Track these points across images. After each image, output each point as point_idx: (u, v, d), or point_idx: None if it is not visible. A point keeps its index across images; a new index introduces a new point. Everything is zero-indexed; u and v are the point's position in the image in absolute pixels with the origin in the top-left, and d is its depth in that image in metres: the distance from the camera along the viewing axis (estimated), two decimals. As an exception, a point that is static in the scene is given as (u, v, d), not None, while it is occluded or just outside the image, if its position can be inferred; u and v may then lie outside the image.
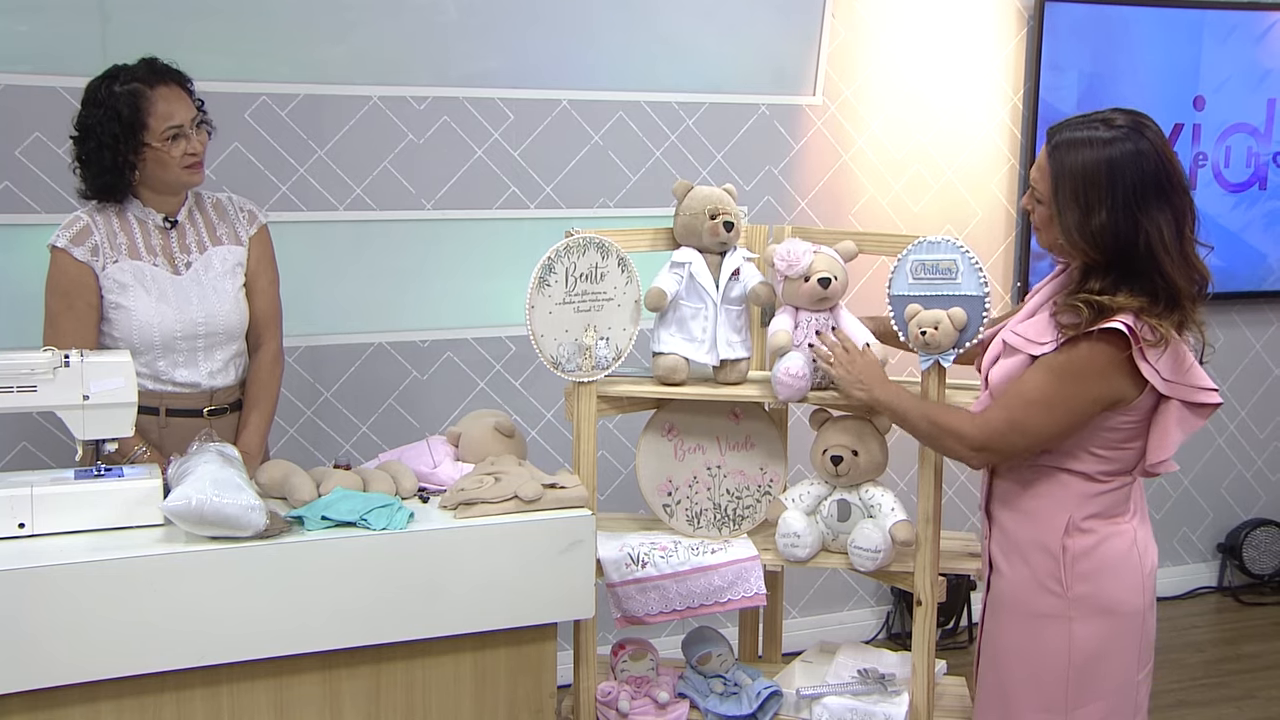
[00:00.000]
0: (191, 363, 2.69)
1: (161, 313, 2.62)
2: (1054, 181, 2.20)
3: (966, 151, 4.26)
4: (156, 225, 2.68)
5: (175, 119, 2.60)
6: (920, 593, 2.59)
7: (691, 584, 2.64)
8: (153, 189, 2.65)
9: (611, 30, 3.73)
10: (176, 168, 2.61)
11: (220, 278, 2.72)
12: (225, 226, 2.77)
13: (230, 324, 2.72)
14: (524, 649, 2.39)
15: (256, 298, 2.81)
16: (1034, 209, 2.28)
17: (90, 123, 2.57)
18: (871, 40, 4.06)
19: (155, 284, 2.64)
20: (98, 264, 2.60)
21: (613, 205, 3.79)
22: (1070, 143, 2.20)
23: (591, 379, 2.61)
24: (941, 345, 2.46)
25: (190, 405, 2.69)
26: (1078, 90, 4.30)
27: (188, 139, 2.61)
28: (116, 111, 2.55)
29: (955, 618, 4.34)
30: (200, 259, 2.71)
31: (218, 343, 2.72)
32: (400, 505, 2.30)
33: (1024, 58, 4.25)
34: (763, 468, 2.77)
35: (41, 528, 2.13)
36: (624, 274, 2.61)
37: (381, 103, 3.50)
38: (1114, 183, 2.14)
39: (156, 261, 2.65)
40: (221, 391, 2.75)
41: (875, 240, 2.79)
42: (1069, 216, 2.19)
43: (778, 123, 3.99)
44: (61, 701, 2.05)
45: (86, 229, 2.60)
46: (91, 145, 2.58)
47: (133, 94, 2.57)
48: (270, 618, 2.15)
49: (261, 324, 2.83)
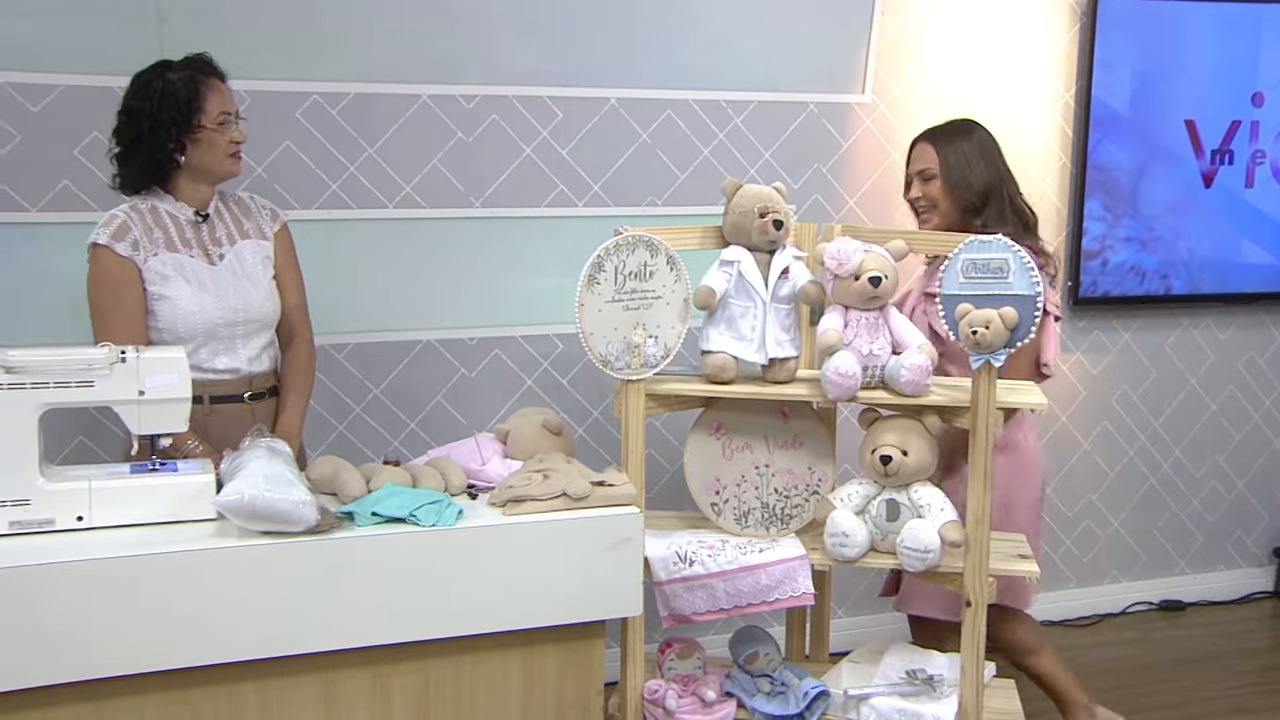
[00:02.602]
0: (231, 349, 2.74)
1: (202, 301, 2.68)
2: (941, 156, 3.06)
3: (1016, 149, 4.16)
4: (188, 219, 2.73)
5: (226, 106, 2.70)
6: (970, 594, 2.56)
7: (739, 583, 2.63)
8: (193, 176, 2.71)
9: (660, 29, 3.72)
10: (223, 153, 2.69)
11: (253, 267, 2.79)
12: (250, 222, 2.84)
13: (265, 312, 2.79)
14: (572, 646, 2.38)
15: (286, 292, 2.88)
16: (923, 191, 3.07)
17: (144, 106, 2.64)
18: (921, 37, 4.02)
19: (194, 274, 2.69)
20: (139, 258, 2.65)
21: (660, 204, 3.78)
22: (945, 133, 3.10)
23: (640, 377, 2.60)
24: (992, 345, 2.43)
25: (232, 391, 2.74)
26: (1130, 88, 4.24)
27: (235, 128, 2.71)
28: (174, 94, 2.63)
29: (1003, 619, 4.29)
30: (232, 250, 2.77)
31: (254, 330, 2.78)
32: (449, 502, 2.30)
33: (1076, 55, 4.20)
34: (811, 467, 2.74)
35: (99, 521, 2.15)
36: (673, 272, 2.60)
37: (431, 101, 3.51)
38: (982, 150, 3.09)
39: (192, 254, 2.71)
40: (259, 377, 2.81)
41: (925, 239, 2.77)
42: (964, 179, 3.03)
43: (826, 121, 3.96)
44: (112, 692, 2.07)
45: (125, 225, 2.65)
46: (145, 126, 2.64)
47: (190, 79, 2.66)
48: (320, 613, 2.16)
49: (293, 318, 2.91)
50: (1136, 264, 4.37)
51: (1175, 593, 4.71)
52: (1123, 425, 4.54)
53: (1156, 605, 4.67)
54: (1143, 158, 4.31)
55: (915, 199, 3.13)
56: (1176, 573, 4.73)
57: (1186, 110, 4.32)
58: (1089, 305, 4.38)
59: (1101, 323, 4.46)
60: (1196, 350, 4.59)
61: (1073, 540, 4.55)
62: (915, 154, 3.14)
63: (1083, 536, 4.57)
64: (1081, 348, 4.44)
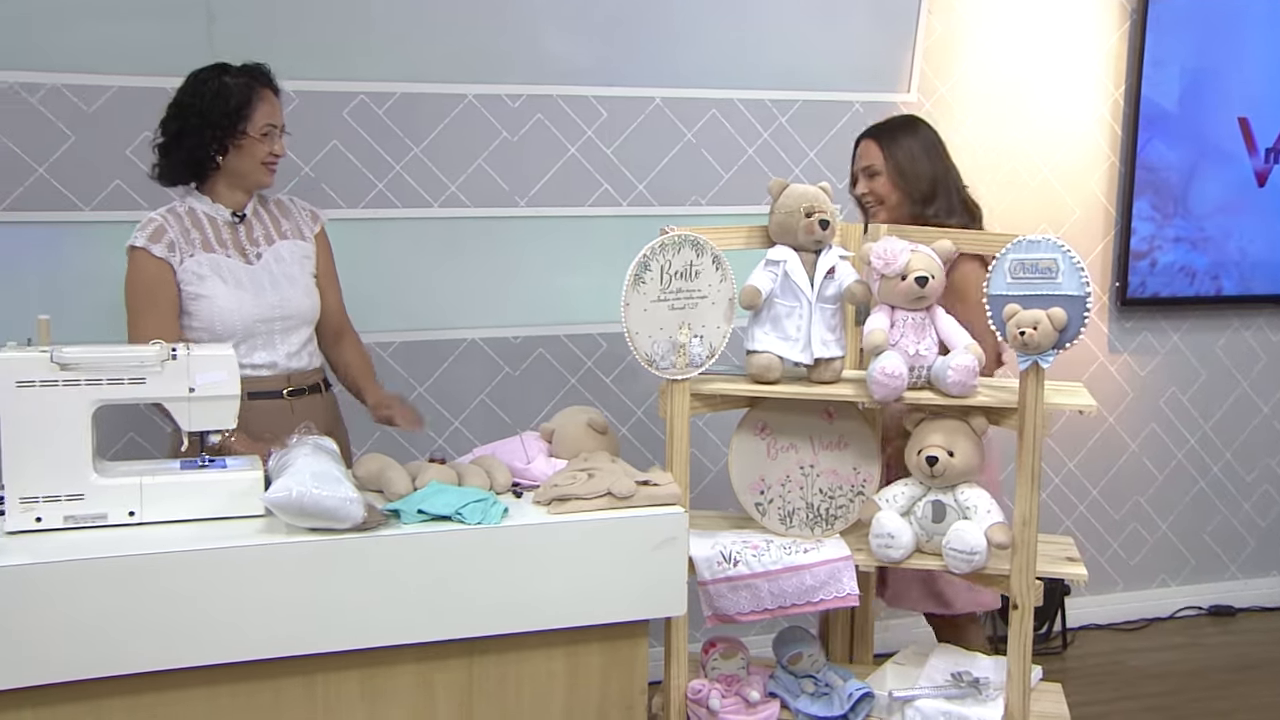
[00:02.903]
0: (270, 345, 2.78)
1: (239, 299, 2.71)
2: (886, 153, 3.06)
3: (1064, 149, 4.17)
4: (225, 221, 2.77)
5: (274, 119, 2.74)
6: (1017, 596, 2.54)
7: (783, 583, 2.62)
8: (228, 181, 2.75)
9: (704, 28, 3.72)
10: (259, 163, 2.73)
11: (290, 266, 2.82)
12: (290, 223, 2.87)
13: (303, 308, 2.82)
14: (616, 645, 2.38)
15: (328, 293, 2.91)
16: (869, 188, 3.07)
17: (194, 104, 2.69)
18: (968, 36, 4.00)
19: (231, 273, 2.73)
20: (175, 259, 2.69)
21: (705, 203, 3.78)
22: (888, 130, 3.12)
23: (685, 377, 2.60)
24: (1041, 345, 2.41)
25: (270, 388, 2.76)
26: (1180, 85, 4.19)
27: (277, 141, 2.75)
28: (225, 97, 2.68)
29: (1049, 622, 4.26)
30: (269, 250, 2.80)
31: (292, 326, 2.81)
32: (495, 500, 2.31)
33: (1126, 52, 4.15)
34: (856, 468, 2.73)
35: (150, 516, 2.18)
36: (718, 272, 2.59)
37: (477, 100, 3.53)
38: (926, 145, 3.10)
39: (229, 254, 2.75)
40: (299, 374, 2.83)
41: (972, 239, 2.75)
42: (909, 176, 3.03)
43: (872, 120, 3.93)
44: (161, 686, 2.09)
45: (161, 228, 2.70)
46: (191, 123, 2.69)
47: (246, 86, 2.71)
48: (366, 609, 2.17)
49: (338, 318, 2.96)
50: (1186, 264, 4.32)
51: (1226, 598, 4.65)
52: (1171, 428, 4.49)
53: (1206, 610, 4.62)
54: (1193, 156, 4.26)
55: (861, 195, 3.12)
56: (1227, 578, 4.67)
57: (1240, 108, 4.26)
58: (1137, 306, 4.33)
59: (1150, 324, 4.41)
60: (1248, 352, 4.53)
61: (1120, 543, 4.51)
62: (860, 151, 3.14)
63: (1130, 539, 4.52)
64: (1129, 349, 4.40)
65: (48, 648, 1.99)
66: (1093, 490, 4.42)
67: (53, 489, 2.13)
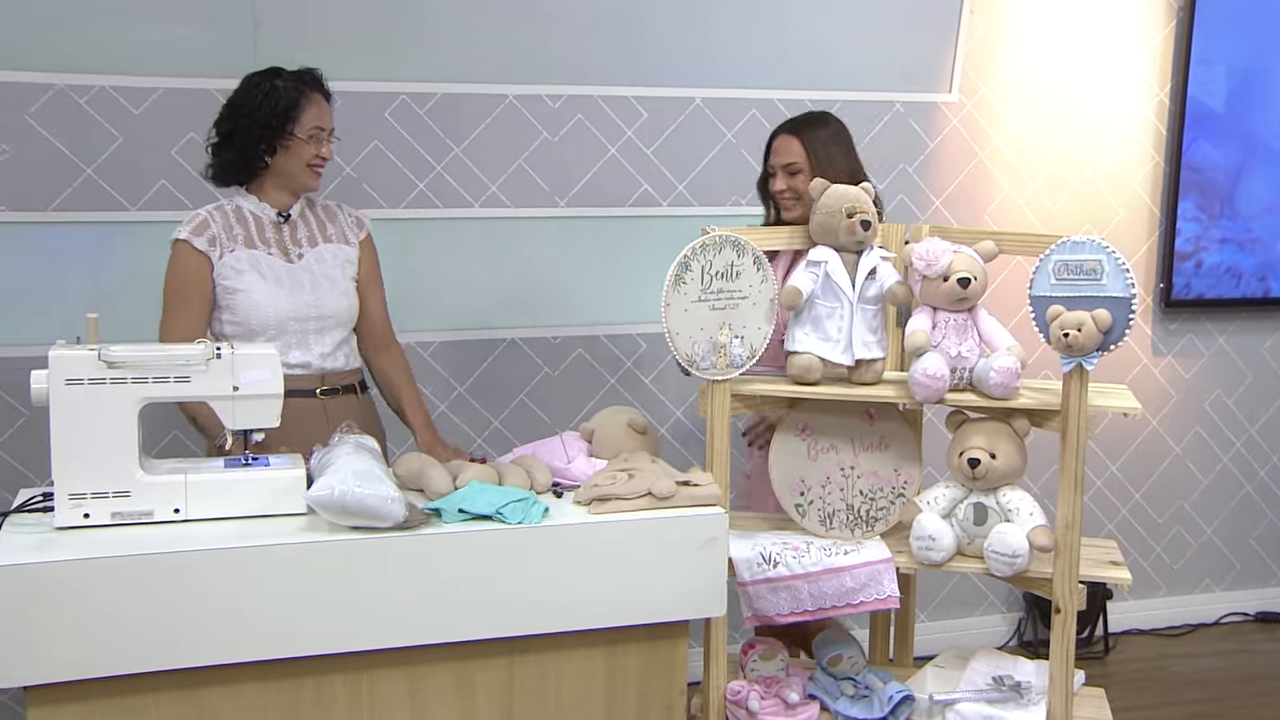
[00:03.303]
0: (304, 344, 2.80)
1: (276, 296, 2.75)
2: (808, 149, 2.99)
3: (1108, 149, 4.14)
4: (270, 220, 2.81)
5: (322, 122, 2.78)
6: (1060, 600, 2.52)
7: (823, 585, 2.62)
8: (275, 181, 2.80)
9: (744, 28, 3.71)
10: (304, 165, 2.77)
11: (331, 269, 2.85)
12: (335, 228, 2.90)
13: (340, 309, 2.84)
14: (655, 645, 2.39)
15: (372, 301, 2.94)
16: (789, 184, 2.97)
17: (246, 104, 2.75)
18: (1011, 35, 3.97)
19: (270, 270, 2.77)
20: (215, 253, 2.73)
21: (745, 203, 3.77)
22: (806, 125, 3.04)
23: (726, 377, 2.60)
24: (1084, 347, 2.39)
25: (304, 386, 2.78)
26: (1227, 84, 4.15)
27: (324, 144, 2.79)
28: (276, 99, 2.73)
29: (1091, 627, 4.22)
30: (312, 252, 2.84)
31: (328, 327, 2.83)
32: (535, 500, 2.32)
33: (1171, 51, 4.11)
34: (897, 469, 2.72)
35: (195, 513, 2.21)
36: (759, 272, 2.59)
37: (517, 101, 3.54)
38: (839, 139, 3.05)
39: (271, 251, 2.79)
40: (333, 374, 2.85)
41: (1015, 240, 2.72)
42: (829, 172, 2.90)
43: (913, 120, 3.93)
44: (208, 681, 2.12)
45: (205, 222, 2.75)
46: (242, 123, 2.74)
47: (295, 89, 2.76)
48: (407, 608, 2.19)
49: (383, 325, 2.97)
50: (1233, 265, 4.27)
51: (1273, 604, 4.59)
52: (1216, 431, 4.44)
53: (1252, 617, 4.57)
54: (1241, 156, 4.21)
55: (779, 191, 3.02)
56: (1274, 583, 4.61)
57: (1289, 108, 4.21)
58: (1181, 308, 4.29)
59: (1194, 325, 4.36)
60: (1297, 354, 4.48)
61: (1163, 547, 4.46)
62: (778, 147, 3.04)
63: (1173, 543, 4.47)
64: (1173, 351, 4.35)
65: (94, 643, 2.02)
66: (1135, 494, 4.38)
67: (100, 486, 2.16)
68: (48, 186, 3.21)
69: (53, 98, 3.18)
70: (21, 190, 3.20)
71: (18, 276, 3.23)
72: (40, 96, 3.17)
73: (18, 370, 2.89)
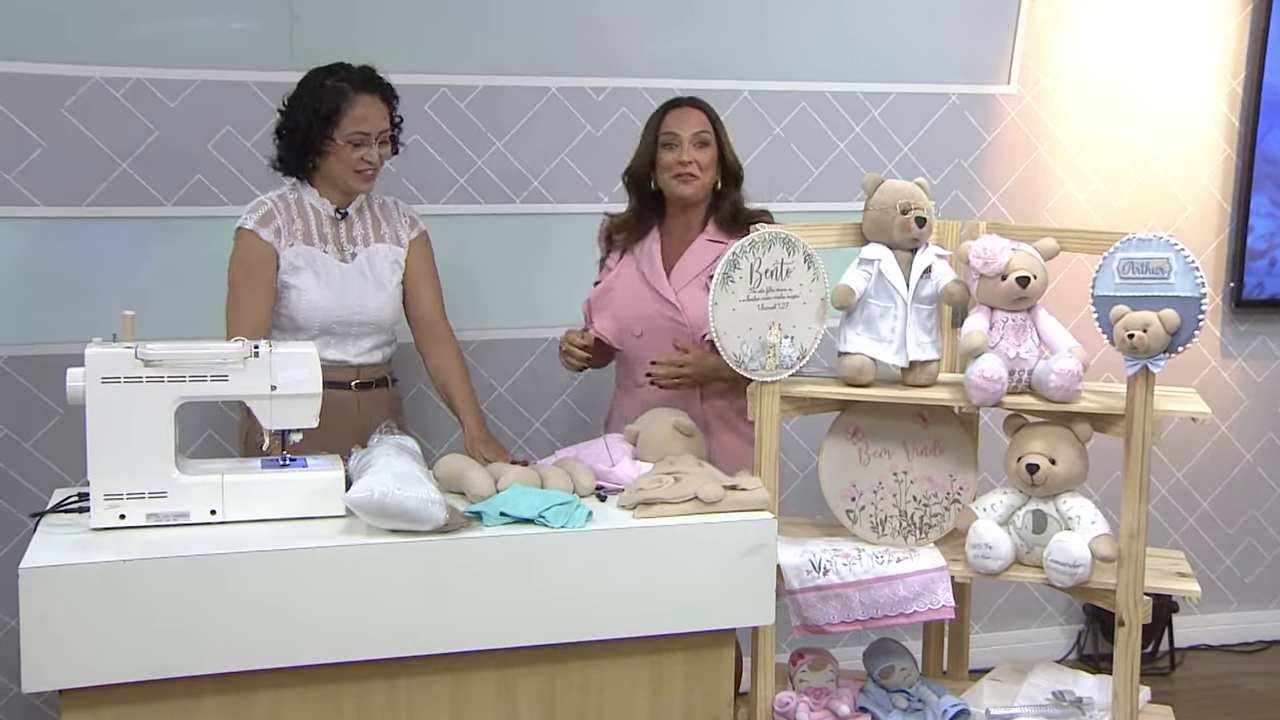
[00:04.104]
0: (342, 345, 2.89)
1: (325, 297, 2.84)
2: (715, 127, 2.98)
3: (1176, 141, 4.09)
4: (328, 215, 2.89)
5: (365, 126, 2.81)
6: (1124, 613, 2.50)
7: (875, 593, 2.61)
8: (326, 181, 2.88)
9: (794, 17, 3.71)
10: (349, 170, 2.83)
11: (382, 271, 2.93)
12: (389, 227, 2.97)
13: (383, 316, 2.93)
14: (701, 655, 2.39)
15: (423, 296, 3.00)
16: (695, 157, 2.93)
17: (296, 105, 2.83)
18: (1073, 23, 3.94)
19: (324, 269, 2.85)
20: (279, 244, 2.82)
21: (793, 199, 3.77)
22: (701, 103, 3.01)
23: (775, 378, 2.60)
24: (1150, 349, 2.37)
25: (338, 378, 2.84)
26: (1305, 73, 4.09)
27: (369, 148, 2.82)
28: (318, 103, 2.80)
29: (1155, 641, 4.18)
30: (365, 251, 2.92)
31: (368, 332, 2.92)
32: (579, 503, 2.33)
33: (1247, 36, 4.06)
34: (952, 475, 2.71)
35: (231, 515, 2.23)
36: (810, 271, 2.59)
37: (560, 94, 3.56)
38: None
39: (327, 249, 2.87)
40: (368, 368, 2.94)
41: (1077, 237, 2.71)
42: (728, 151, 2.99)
43: (969, 113, 3.91)
44: (249, 686, 2.14)
45: (270, 213, 2.83)
46: (290, 124, 2.84)
47: (338, 92, 2.80)
48: (448, 613, 2.20)
49: (434, 318, 3.02)
50: (1308, 264, 4.21)
51: (1351, 620, 4.53)
52: (1290, 437, 4.39)
53: (1328, 633, 4.50)
54: (1319, 148, 4.15)
55: (684, 164, 2.93)
56: (1352, 598, 4.55)
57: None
58: (1253, 308, 4.24)
59: (1267, 327, 4.31)
60: (1373, 358, 4.41)
61: (1233, 559, 4.41)
62: (679, 119, 2.97)
63: (1245, 555, 4.42)
64: (1244, 353, 4.30)
65: (129, 647, 2.05)
66: (1203, 502, 4.33)
67: (136, 486, 2.19)
68: (83, 181, 3.27)
69: (89, 91, 3.23)
70: (56, 185, 3.25)
71: (53, 273, 3.28)
72: (76, 89, 3.22)
73: (52, 368, 2.94)
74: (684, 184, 2.96)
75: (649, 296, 2.98)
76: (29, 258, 3.28)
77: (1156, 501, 4.25)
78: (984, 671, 2.85)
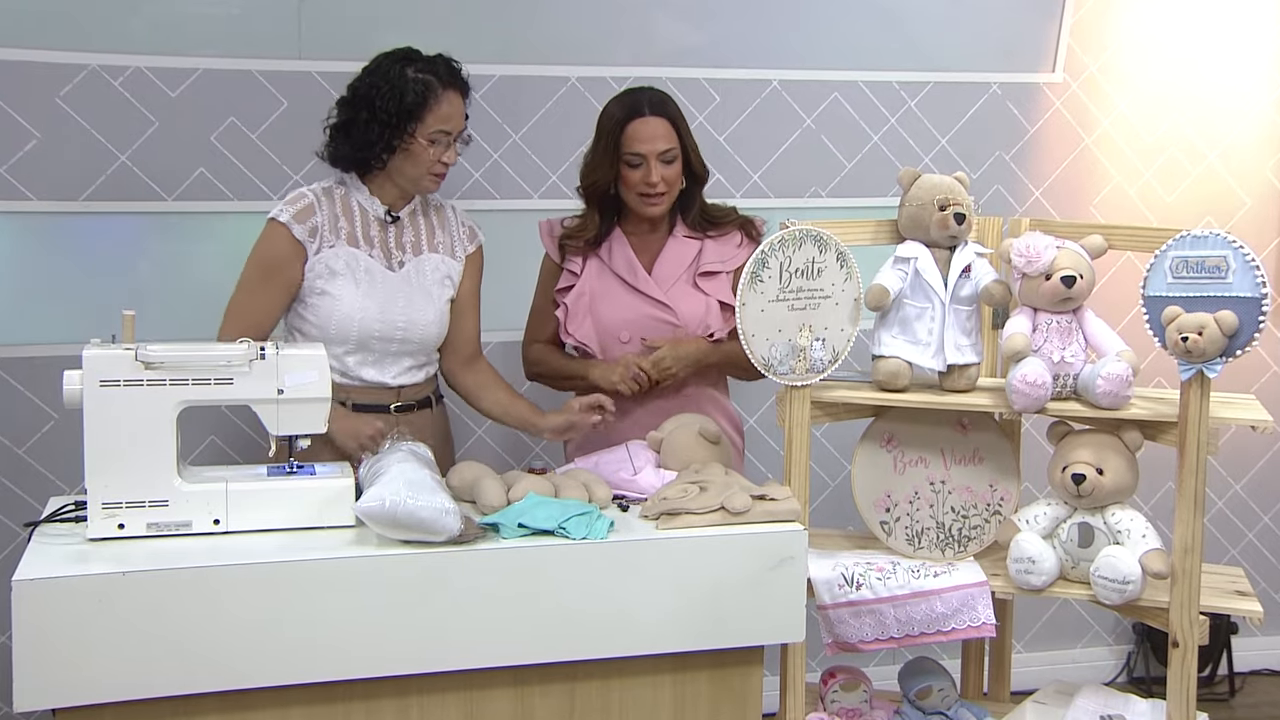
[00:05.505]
0: (380, 365, 2.79)
1: (365, 308, 2.72)
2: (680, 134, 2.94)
3: (1233, 132, 4.08)
4: (377, 217, 2.78)
5: (449, 125, 2.72)
6: (1178, 633, 2.49)
7: (911, 610, 2.61)
8: (391, 180, 2.76)
9: (826, 3, 3.71)
10: (424, 170, 2.73)
11: (431, 284, 2.82)
12: (444, 236, 2.87)
13: (428, 335, 2.82)
14: (727, 673, 2.39)
15: (467, 321, 2.92)
16: (663, 175, 2.89)
17: (370, 94, 2.68)
18: (1122, 7, 3.94)
19: (367, 276, 2.74)
20: (313, 246, 2.70)
21: (825, 194, 3.78)
22: (665, 104, 2.96)
23: (805, 383, 2.60)
24: (1206, 353, 2.36)
25: (377, 400, 2.79)
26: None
27: (448, 148, 2.73)
28: (402, 94, 2.67)
29: (1213, 665, 4.15)
30: (414, 261, 2.81)
31: (409, 351, 2.81)
32: (600, 514, 2.33)
33: (1312, 22, 4.05)
34: (993, 485, 2.71)
35: (235, 524, 2.24)
36: (843, 269, 2.60)
37: (580, 84, 3.57)
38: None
39: (373, 253, 2.76)
40: (409, 389, 2.85)
41: (1126, 234, 2.70)
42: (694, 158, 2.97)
43: (1011, 103, 3.90)
44: (253, 704, 2.15)
45: (310, 207, 2.72)
46: (362, 114, 2.69)
47: (426, 85, 2.69)
48: (462, 628, 2.21)
49: (470, 342, 2.96)
50: (1375, 263, 4.19)
51: None
52: (1359, 446, 4.36)
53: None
54: (1382, 142, 4.13)
55: (651, 184, 2.90)
56: None
57: None
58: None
59: (1330, 329, 4.29)
60: None
61: (1295, 577, 4.39)
62: (643, 132, 2.90)
63: (1309, 574, 4.39)
64: (1306, 357, 4.28)
65: (128, 663, 2.06)
66: (1264, 516, 4.31)
67: (136, 494, 2.20)
68: (79, 175, 3.29)
69: (85, 79, 3.25)
70: (51, 179, 3.28)
71: (48, 271, 3.31)
72: (72, 78, 3.25)
73: (47, 370, 2.97)
74: (653, 205, 2.95)
75: (635, 300, 2.98)
76: (24, 255, 3.31)
77: (1213, 515, 4.23)
78: (1027, 693, 2.85)
